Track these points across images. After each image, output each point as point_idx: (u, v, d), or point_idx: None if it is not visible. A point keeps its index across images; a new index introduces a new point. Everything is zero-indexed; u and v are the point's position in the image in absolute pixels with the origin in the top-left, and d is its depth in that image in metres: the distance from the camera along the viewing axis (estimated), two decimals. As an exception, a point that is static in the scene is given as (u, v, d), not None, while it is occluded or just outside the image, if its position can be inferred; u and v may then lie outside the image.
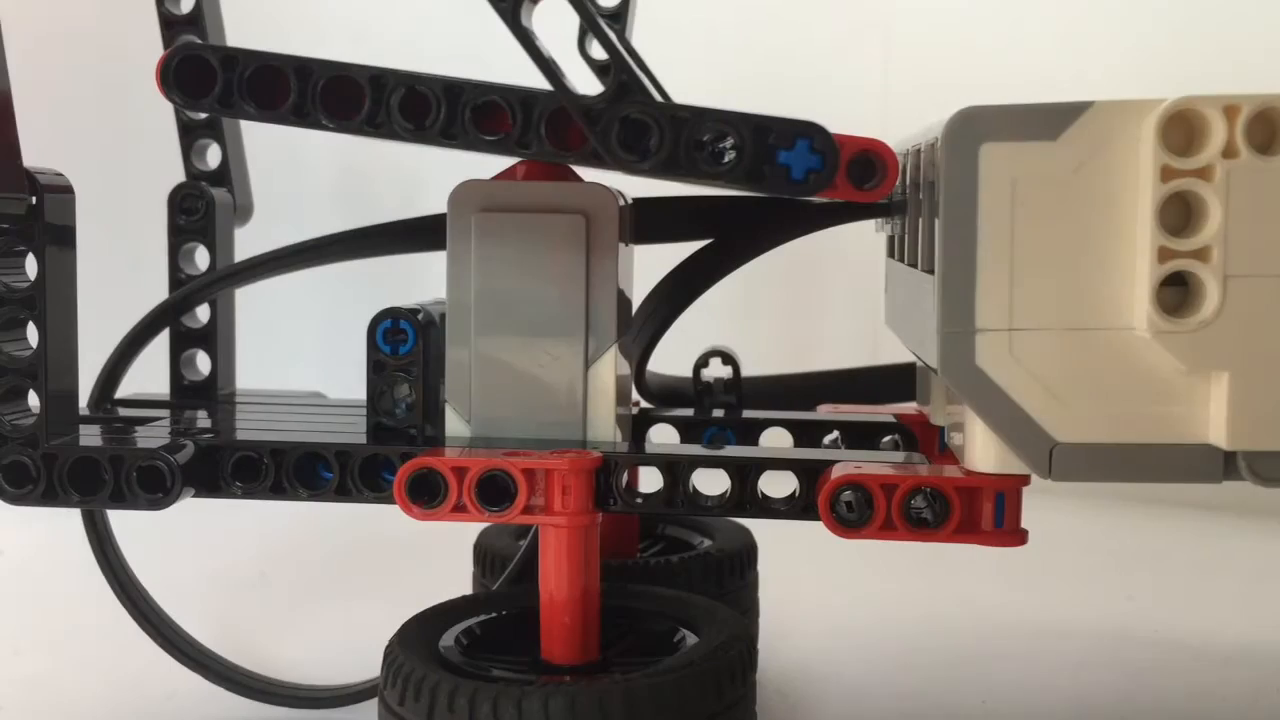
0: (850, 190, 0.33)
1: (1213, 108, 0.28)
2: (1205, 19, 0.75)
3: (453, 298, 0.37)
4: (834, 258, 0.78)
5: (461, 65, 0.34)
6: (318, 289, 0.81)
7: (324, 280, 0.65)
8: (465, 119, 0.32)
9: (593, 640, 0.35)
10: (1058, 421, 0.30)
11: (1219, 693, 0.45)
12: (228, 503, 0.37)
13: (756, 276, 0.53)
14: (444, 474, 0.34)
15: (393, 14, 0.92)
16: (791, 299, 0.85)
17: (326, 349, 0.85)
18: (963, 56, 0.81)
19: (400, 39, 0.89)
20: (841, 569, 0.56)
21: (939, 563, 0.55)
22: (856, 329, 0.76)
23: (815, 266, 0.82)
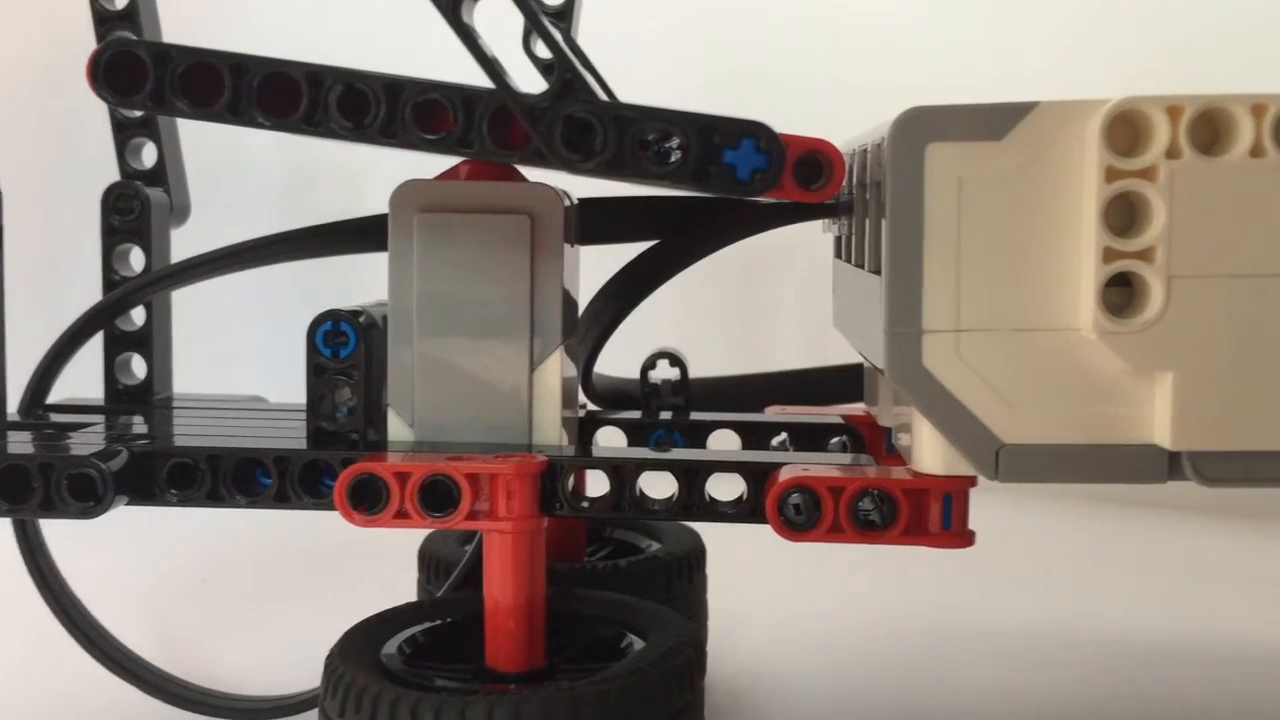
0: (797, 190, 0.32)
1: (1156, 108, 0.28)
2: (1154, 19, 0.75)
3: (394, 300, 0.36)
4: (782, 258, 0.79)
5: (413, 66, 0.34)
6: (262, 290, 0.80)
7: (268, 281, 0.64)
8: (406, 117, 0.32)
9: (538, 647, 0.35)
10: (1004, 422, 0.30)
11: (1166, 691, 0.45)
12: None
13: (704, 277, 0.53)
14: (385, 479, 0.33)
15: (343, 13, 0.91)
16: (740, 300, 0.85)
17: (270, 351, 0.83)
18: (912, 57, 0.81)
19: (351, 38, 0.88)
20: (791, 570, 0.56)
21: (888, 563, 0.55)
22: (805, 330, 0.76)
23: (764, 267, 0.82)
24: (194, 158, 0.49)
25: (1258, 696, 0.45)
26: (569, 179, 0.35)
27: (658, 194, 0.40)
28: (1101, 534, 0.67)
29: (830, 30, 0.84)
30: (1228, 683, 0.46)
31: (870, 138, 0.34)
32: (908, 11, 0.83)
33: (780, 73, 0.83)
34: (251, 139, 0.70)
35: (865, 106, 0.43)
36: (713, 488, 0.35)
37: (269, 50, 0.32)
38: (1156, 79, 0.33)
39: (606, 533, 0.47)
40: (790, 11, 0.85)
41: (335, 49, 0.38)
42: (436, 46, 0.35)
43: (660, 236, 0.41)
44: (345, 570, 0.59)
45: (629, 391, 0.45)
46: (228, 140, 0.65)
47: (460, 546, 0.45)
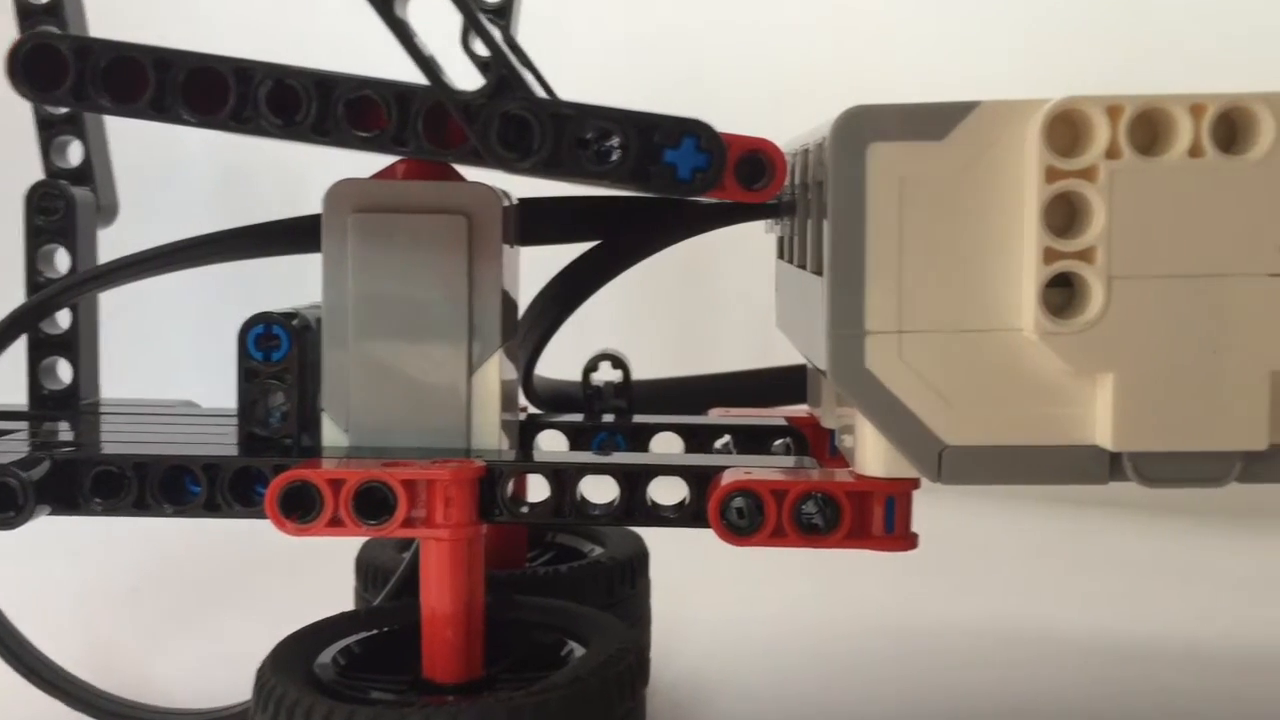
0: (739, 190, 0.32)
1: (1096, 108, 0.28)
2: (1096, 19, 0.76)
3: (329, 301, 0.35)
4: (726, 259, 0.78)
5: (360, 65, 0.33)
6: (197, 292, 0.79)
7: (204, 282, 0.63)
8: (338, 115, 0.31)
9: (476, 657, 0.34)
10: (947, 424, 0.30)
11: (1105, 689, 0.46)
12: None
13: (647, 278, 0.52)
14: (319, 487, 0.32)
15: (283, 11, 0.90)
16: (683, 301, 0.85)
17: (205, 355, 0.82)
18: (856, 56, 0.81)
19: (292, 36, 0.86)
20: (736, 573, 0.55)
21: (834, 565, 0.55)
22: (749, 331, 0.76)
23: (707, 268, 0.82)
24: (125, 156, 0.48)
25: (1203, 692, 0.45)
26: (509, 179, 0.34)
27: (599, 194, 0.39)
28: (1044, 532, 0.68)
29: (775, 31, 0.84)
30: (1174, 679, 0.46)
31: (812, 138, 0.33)
32: (852, 10, 0.83)
33: (726, 74, 0.83)
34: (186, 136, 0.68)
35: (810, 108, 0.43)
36: (655, 492, 0.34)
37: (206, 47, 0.31)
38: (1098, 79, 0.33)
39: (548, 537, 0.47)
40: (735, 12, 0.85)
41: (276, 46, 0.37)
42: (382, 45, 0.34)
43: (602, 237, 0.41)
44: (281, 578, 0.58)
45: (571, 394, 0.44)
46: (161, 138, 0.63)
47: (399, 554, 0.44)
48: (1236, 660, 0.48)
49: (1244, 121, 0.29)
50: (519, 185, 0.37)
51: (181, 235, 0.40)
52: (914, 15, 0.81)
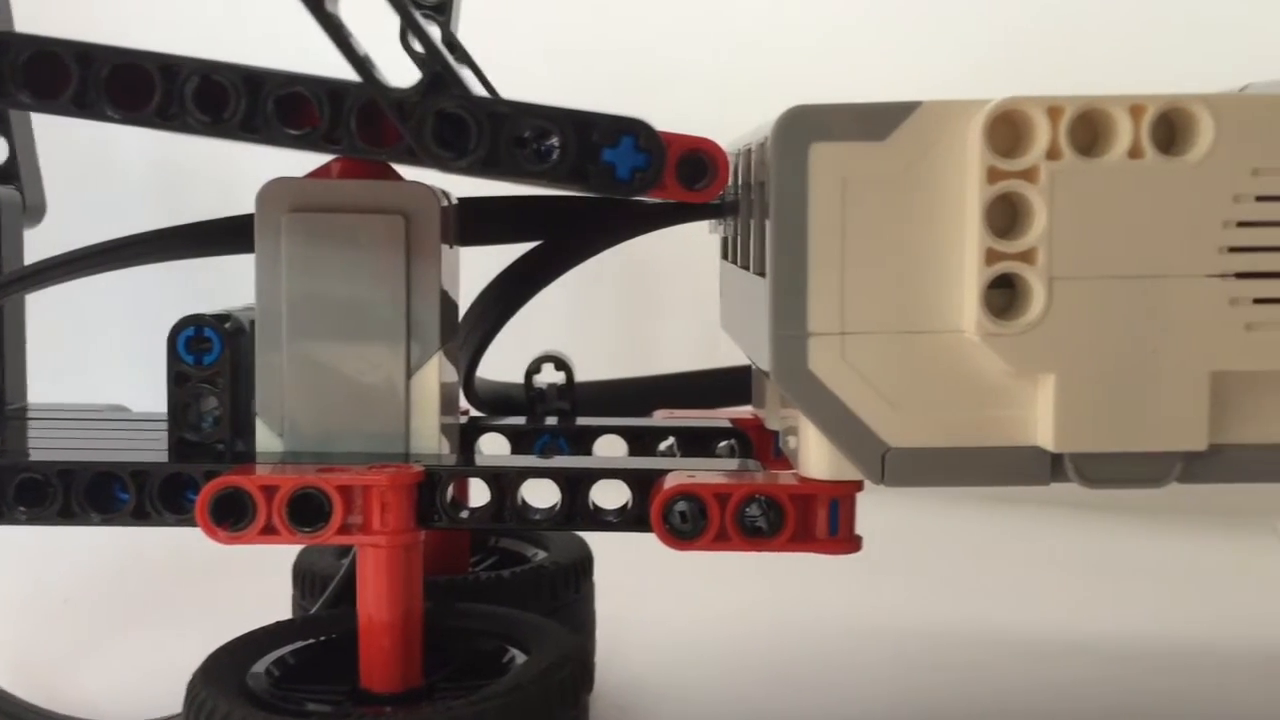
0: (680, 190, 0.32)
1: (1036, 109, 0.28)
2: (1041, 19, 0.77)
3: (262, 303, 0.35)
4: (671, 259, 0.78)
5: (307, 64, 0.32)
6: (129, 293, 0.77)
7: (136, 283, 0.61)
8: (268, 112, 0.30)
9: (415, 666, 0.33)
10: (890, 426, 0.30)
11: (1048, 690, 0.46)
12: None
13: (591, 278, 0.52)
14: (251, 493, 0.32)
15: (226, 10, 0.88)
16: (627, 301, 0.84)
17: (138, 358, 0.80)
18: (802, 57, 0.81)
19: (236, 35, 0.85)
20: (682, 576, 0.55)
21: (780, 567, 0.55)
22: (694, 331, 0.75)
23: (651, 267, 0.81)
24: (55, 155, 0.47)
25: (1144, 690, 0.46)
26: (450, 178, 0.33)
27: (541, 194, 0.39)
28: (987, 531, 0.68)
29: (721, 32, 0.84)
30: (1116, 676, 0.47)
31: (754, 137, 0.33)
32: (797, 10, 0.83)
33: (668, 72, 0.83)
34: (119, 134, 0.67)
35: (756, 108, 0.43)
36: (597, 495, 0.34)
37: (137, 43, 0.30)
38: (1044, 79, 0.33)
39: (491, 542, 0.46)
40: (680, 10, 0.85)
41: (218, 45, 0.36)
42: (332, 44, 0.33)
43: (543, 237, 0.41)
44: (217, 586, 0.57)
45: (513, 396, 0.44)
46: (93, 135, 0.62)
47: (337, 560, 0.43)
48: (1180, 656, 0.49)
49: (1183, 122, 0.29)
50: (460, 185, 0.36)
51: (113, 236, 0.40)
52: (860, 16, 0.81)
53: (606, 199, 0.39)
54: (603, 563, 0.46)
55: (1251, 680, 0.46)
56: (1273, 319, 0.29)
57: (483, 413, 0.44)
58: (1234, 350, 0.29)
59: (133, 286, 0.68)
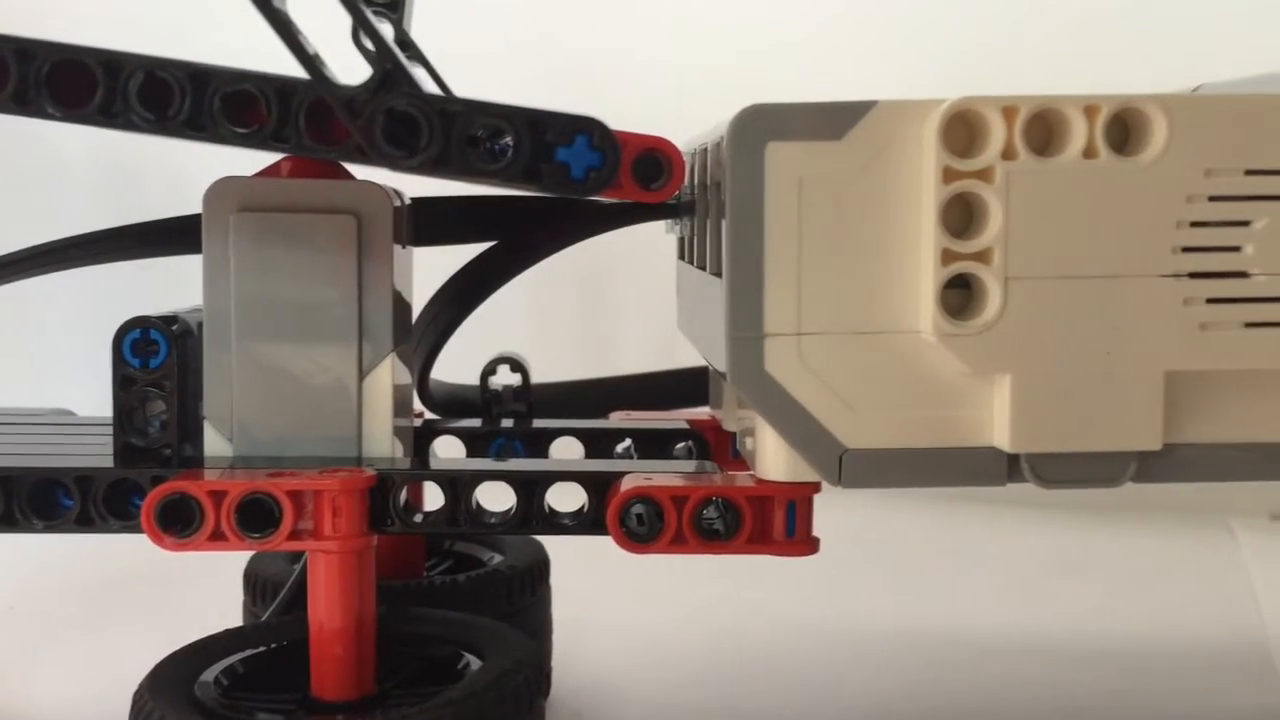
0: (636, 190, 0.31)
1: (992, 109, 0.28)
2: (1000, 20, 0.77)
3: (210, 305, 0.34)
4: (629, 258, 0.78)
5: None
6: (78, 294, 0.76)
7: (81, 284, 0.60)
8: (214, 109, 0.30)
9: (368, 673, 0.33)
10: (847, 427, 0.30)
11: (1005, 690, 0.46)
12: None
13: (547, 279, 0.51)
14: (199, 499, 0.31)
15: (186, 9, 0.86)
16: (585, 301, 0.84)
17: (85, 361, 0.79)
18: (759, 57, 0.81)
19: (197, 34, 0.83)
20: (640, 578, 0.55)
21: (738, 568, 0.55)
22: (652, 332, 0.75)
23: (609, 267, 0.81)
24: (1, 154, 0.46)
25: (1101, 688, 0.46)
26: (404, 178, 0.33)
27: (495, 193, 0.38)
28: (944, 530, 0.68)
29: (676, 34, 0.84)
30: (1074, 677, 0.47)
31: (710, 137, 0.33)
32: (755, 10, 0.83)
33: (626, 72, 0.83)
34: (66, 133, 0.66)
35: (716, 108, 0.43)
36: (553, 498, 0.33)
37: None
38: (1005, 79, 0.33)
39: (447, 545, 0.45)
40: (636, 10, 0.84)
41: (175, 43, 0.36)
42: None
43: (498, 237, 0.40)
44: (166, 593, 0.56)
45: (468, 398, 0.43)
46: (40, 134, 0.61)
47: (290, 566, 0.42)
48: (1135, 654, 0.49)
49: (1137, 123, 0.29)
50: (415, 185, 0.35)
51: (59, 236, 0.39)
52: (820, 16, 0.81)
53: (562, 199, 0.38)
54: (560, 566, 0.45)
55: (1207, 677, 0.46)
56: (1225, 319, 0.29)
57: (437, 415, 0.43)
58: (1188, 350, 0.29)
59: (80, 288, 0.67)
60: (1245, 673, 0.47)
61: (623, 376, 0.47)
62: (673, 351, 0.46)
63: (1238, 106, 0.29)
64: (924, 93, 0.29)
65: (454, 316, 0.40)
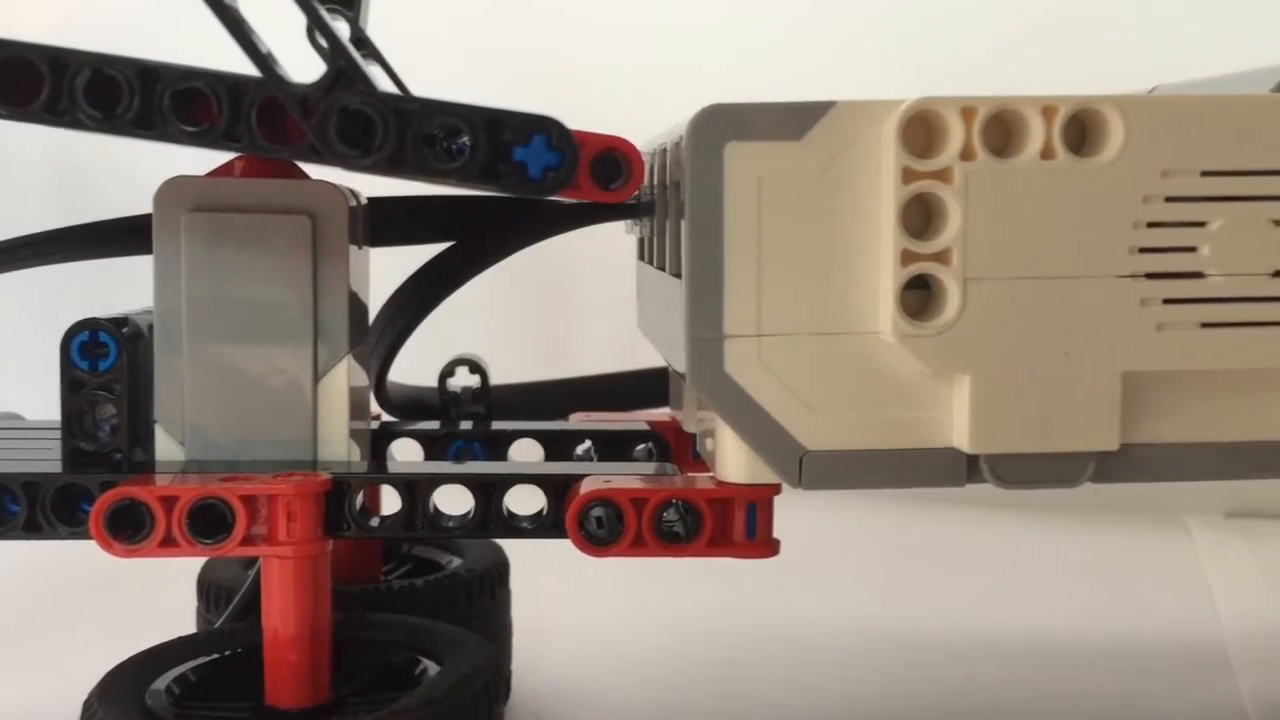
0: (595, 190, 0.31)
1: (950, 109, 0.28)
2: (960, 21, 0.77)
3: (161, 306, 0.33)
4: (590, 258, 0.77)
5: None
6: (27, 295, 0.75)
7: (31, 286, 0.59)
8: (163, 107, 0.29)
9: (323, 680, 0.32)
10: (807, 429, 0.30)
11: (964, 689, 0.46)
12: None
13: (508, 279, 0.51)
14: (149, 504, 0.30)
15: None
16: (545, 302, 0.83)
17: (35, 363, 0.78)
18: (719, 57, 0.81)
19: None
20: (600, 580, 0.54)
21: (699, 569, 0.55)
22: (613, 333, 0.75)
23: (570, 268, 0.81)
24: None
25: (1057, 687, 0.46)
26: (363, 178, 0.32)
27: (454, 193, 0.38)
28: (904, 531, 0.68)
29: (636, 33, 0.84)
30: (1031, 675, 0.47)
31: (669, 137, 0.33)
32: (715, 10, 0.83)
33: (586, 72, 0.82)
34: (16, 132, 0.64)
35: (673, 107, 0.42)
36: (512, 501, 0.33)
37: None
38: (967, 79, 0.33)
39: (405, 549, 0.45)
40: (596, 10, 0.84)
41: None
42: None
43: (456, 238, 0.40)
44: (118, 600, 0.55)
45: (426, 400, 0.43)
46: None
47: (245, 571, 0.42)
48: (1093, 652, 0.49)
49: (1094, 124, 0.29)
50: (375, 185, 0.35)
51: (7, 237, 0.38)
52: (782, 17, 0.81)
53: (521, 199, 0.38)
54: (520, 568, 0.45)
55: (1164, 675, 0.47)
56: (1182, 319, 0.29)
57: (395, 417, 0.43)
58: (1144, 350, 0.29)
59: (29, 289, 0.66)
60: (1201, 670, 0.47)
61: (583, 378, 0.46)
62: (635, 352, 0.46)
63: (1193, 108, 0.29)
64: (885, 93, 0.29)
65: (412, 318, 0.40)
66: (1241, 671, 0.47)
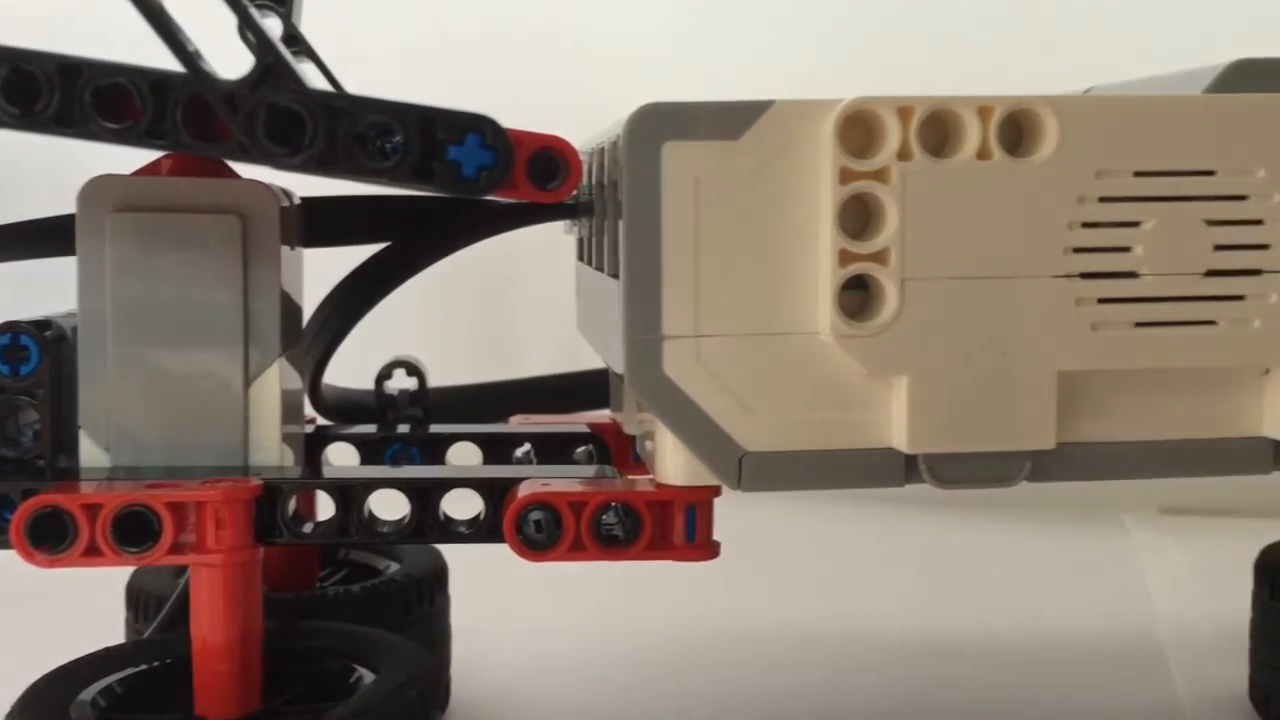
0: (531, 190, 0.31)
1: (887, 109, 0.28)
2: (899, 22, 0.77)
3: (85, 309, 0.33)
4: (531, 258, 0.77)
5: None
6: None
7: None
8: (84, 104, 0.28)
9: (254, 690, 0.32)
10: (746, 430, 0.29)
11: (901, 687, 0.46)
12: None
13: (447, 279, 0.50)
14: (72, 513, 0.30)
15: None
16: (485, 303, 0.83)
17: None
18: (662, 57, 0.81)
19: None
20: (540, 584, 0.54)
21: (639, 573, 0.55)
22: (556, 333, 0.74)
23: (511, 268, 0.80)
24: None
25: (995, 684, 0.46)
26: (297, 178, 0.32)
27: (390, 193, 0.37)
28: (843, 530, 0.68)
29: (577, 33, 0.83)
30: (969, 673, 0.47)
31: (607, 136, 0.32)
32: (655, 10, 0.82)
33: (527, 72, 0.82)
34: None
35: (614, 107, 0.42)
36: (449, 506, 0.33)
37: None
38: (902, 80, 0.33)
39: (342, 555, 0.44)
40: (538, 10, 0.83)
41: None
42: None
43: (392, 238, 0.39)
44: (43, 610, 0.53)
45: (362, 403, 0.42)
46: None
47: (175, 580, 0.41)
48: (1030, 650, 0.50)
49: (1029, 124, 0.29)
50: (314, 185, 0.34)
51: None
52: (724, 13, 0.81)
53: (458, 198, 0.37)
54: (459, 573, 0.44)
55: (1100, 670, 0.47)
56: (1116, 318, 0.29)
57: (330, 421, 0.42)
58: (1080, 350, 0.29)
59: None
60: (1137, 664, 0.48)
61: (522, 380, 0.46)
62: (577, 354, 0.46)
63: (1127, 108, 0.29)
64: (827, 92, 0.29)
65: (347, 319, 0.39)
66: (1176, 665, 0.47)
